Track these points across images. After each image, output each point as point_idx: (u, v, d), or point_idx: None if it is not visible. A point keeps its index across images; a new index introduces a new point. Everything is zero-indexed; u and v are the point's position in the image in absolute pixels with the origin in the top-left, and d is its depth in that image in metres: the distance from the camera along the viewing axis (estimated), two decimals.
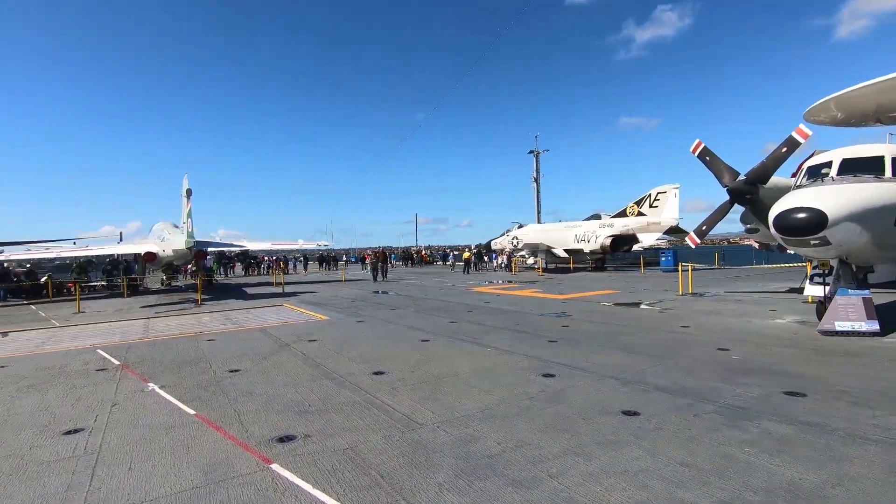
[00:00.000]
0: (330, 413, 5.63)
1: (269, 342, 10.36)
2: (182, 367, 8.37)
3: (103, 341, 11.26)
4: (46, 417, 5.90)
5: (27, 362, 9.20)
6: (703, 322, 10.98)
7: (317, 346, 9.81)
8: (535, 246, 35.73)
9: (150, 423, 5.57)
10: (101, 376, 7.91)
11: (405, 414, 5.50)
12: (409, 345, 9.58)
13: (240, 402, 6.19)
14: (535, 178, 57.58)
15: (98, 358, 9.39)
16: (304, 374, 7.57)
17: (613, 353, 8.21)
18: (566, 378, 6.71)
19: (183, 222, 21.22)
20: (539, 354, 8.26)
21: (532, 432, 4.79)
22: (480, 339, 9.82)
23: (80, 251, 25.50)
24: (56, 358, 9.51)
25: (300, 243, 30.76)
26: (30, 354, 10.01)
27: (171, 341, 10.92)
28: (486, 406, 5.65)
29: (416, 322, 12.51)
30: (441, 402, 5.84)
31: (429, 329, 11.32)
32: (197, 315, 15.77)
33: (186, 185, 20.72)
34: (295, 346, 9.86)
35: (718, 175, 14.69)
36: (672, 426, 4.80)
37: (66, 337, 12.16)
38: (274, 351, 9.41)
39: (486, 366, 7.62)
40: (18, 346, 11.01)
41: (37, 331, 13.49)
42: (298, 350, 9.41)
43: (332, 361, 8.35)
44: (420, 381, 6.88)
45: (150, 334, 12.07)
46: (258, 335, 11.34)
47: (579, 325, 11.08)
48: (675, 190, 30.50)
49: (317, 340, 10.33)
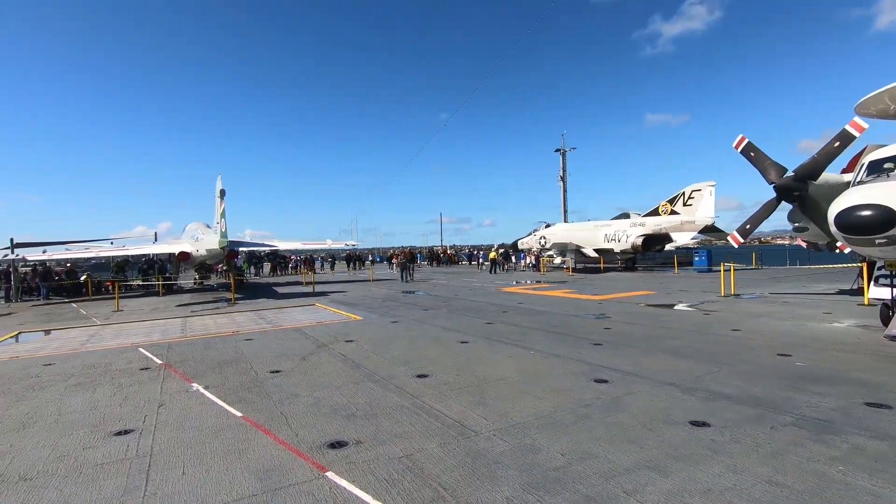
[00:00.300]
0: (378, 418, 5.47)
1: (306, 342, 10.31)
2: (223, 367, 8.35)
3: (144, 340, 11.41)
4: (96, 417, 5.90)
5: (73, 360, 9.35)
6: (755, 325, 10.46)
7: (354, 346, 9.71)
8: (564, 245, 35.16)
9: (199, 424, 5.50)
10: (145, 375, 7.95)
11: (456, 420, 5.29)
12: (448, 346, 9.38)
13: (285, 405, 6.08)
14: (562, 177, 56.83)
15: (140, 356, 9.48)
16: (346, 375, 7.45)
17: (665, 357, 7.84)
18: (620, 384, 6.39)
19: (216, 222, 21.53)
20: (585, 358, 7.95)
21: (596, 443, 4.52)
22: (521, 342, 9.55)
23: (117, 251, 26.20)
24: (100, 356, 9.65)
25: (329, 243, 30.97)
26: (75, 352, 10.19)
27: (210, 340, 10.99)
28: (540, 413, 5.39)
29: (451, 323, 12.31)
30: (492, 408, 5.61)
31: (465, 330, 11.10)
32: (231, 314, 15.92)
33: (220, 185, 21.02)
34: (333, 346, 9.78)
35: (764, 171, 14.05)
36: (749, 439, 4.46)
37: (108, 335, 12.39)
38: (312, 351, 9.34)
39: (532, 370, 7.36)
40: (63, 344, 11.25)
41: (80, 329, 13.81)
42: (337, 351, 9.32)
43: (372, 363, 8.21)
44: (466, 384, 6.66)
45: (188, 333, 12.20)
46: (294, 335, 11.32)
47: (622, 328, 10.70)
48: (711, 188, 29.52)
49: (354, 341, 10.23)
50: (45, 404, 6.53)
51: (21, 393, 7.15)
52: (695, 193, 30.19)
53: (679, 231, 30.57)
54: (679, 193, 31.03)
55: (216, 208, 21.70)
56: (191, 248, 24.36)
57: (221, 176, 21.23)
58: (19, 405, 6.53)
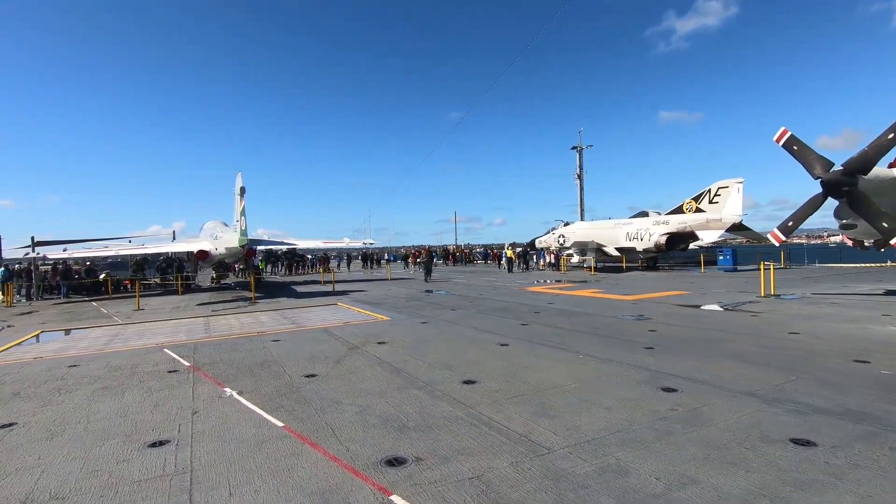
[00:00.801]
0: (434, 430, 4.98)
1: (336, 344, 9.88)
2: (254, 370, 7.94)
3: (168, 340, 11.08)
4: (128, 426, 5.50)
5: (98, 362, 9.02)
6: (811, 328, 9.80)
7: (388, 349, 9.25)
8: (585, 244, 34.45)
9: (238, 435, 5.07)
10: (174, 379, 7.57)
11: (522, 434, 4.78)
12: (487, 349, 8.88)
13: (328, 413, 5.63)
14: (578, 175, 56.09)
15: (167, 358, 9.12)
16: (387, 381, 6.98)
17: (729, 363, 7.25)
18: (692, 393, 5.84)
19: (236, 220, 21.26)
20: (641, 363, 7.39)
21: (691, 464, 3.99)
22: (564, 345, 9.02)
23: (136, 249, 26.11)
24: (125, 357, 9.30)
25: (346, 241, 30.64)
26: (99, 353, 9.87)
27: (236, 341, 10.61)
28: (614, 427, 4.87)
29: (484, 324, 11.80)
30: (558, 421, 5.10)
31: (501, 332, 10.59)
32: (253, 314, 15.58)
33: (240, 183, 20.73)
34: (365, 348, 9.33)
35: (808, 166, 13.33)
36: (870, 462, 3.90)
37: (131, 335, 12.09)
38: (345, 354, 8.90)
39: (587, 376, 6.83)
40: (87, 345, 10.95)
41: (102, 328, 13.54)
42: (371, 353, 8.86)
43: (412, 367, 7.74)
44: (520, 392, 6.16)
45: (212, 333, 11.84)
46: (323, 336, 10.90)
47: (668, 330, 10.10)
48: (739, 185, 28.60)
49: (386, 343, 9.77)
50: (73, 410, 6.16)
51: (47, 397, 6.80)
52: (721, 191, 29.30)
53: (705, 229, 29.69)
54: (705, 191, 30.15)
55: (236, 206, 21.43)
56: (210, 247, 24.16)
57: (241, 174, 20.89)
58: (46, 410, 6.17)
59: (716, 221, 29.29)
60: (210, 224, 29.39)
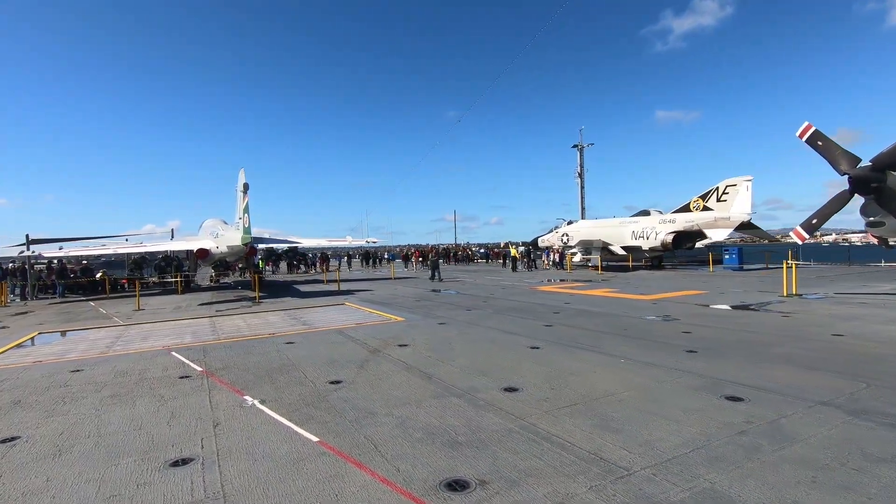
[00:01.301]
0: (489, 446, 4.48)
1: (355, 347, 9.35)
2: (273, 375, 7.41)
3: (175, 342, 10.51)
4: (144, 441, 4.96)
5: (102, 366, 8.45)
6: (854, 329, 9.37)
7: (411, 351, 8.73)
8: (590, 243, 34.01)
9: (270, 452, 4.55)
10: (187, 385, 7.02)
11: (590, 451, 4.29)
12: (518, 352, 8.38)
13: (365, 426, 5.11)
14: (579, 174, 55.75)
15: (176, 362, 8.57)
16: (420, 388, 6.47)
17: (782, 368, 6.80)
18: (760, 403, 5.36)
19: (238, 218, 20.65)
20: (689, 368, 6.92)
21: (799, 489, 3.51)
22: (598, 347, 8.54)
23: (134, 248, 25.40)
24: (131, 361, 8.74)
25: (349, 240, 30.03)
26: (102, 356, 9.30)
27: (248, 343, 10.06)
28: (691, 442, 4.39)
29: (505, 325, 11.31)
30: (626, 436, 4.60)
31: (525, 333, 10.10)
32: (260, 314, 15.02)
33: (243, 179, 20.09)
34: (387, 351, 8.81)
35: (834, 162, 12.94)
36: None
37: (134, 337, 11.51)
38: (367, 357, 8.38)
39: (637, 383, 6.34)
40: (88, 347, 10.36)
41: (104, 329, 12.94)
42: (394, 357, 8.35)
43: (443, 372, 7.23)
44: (570, 401, 5.67)
45: (221, 335, 11.28)
46: (338, 338, 10.37)
47: (702, 332, 9.64)
48: (748, 183, 28.25)
49: (408, 345, 9.26)
50: (81, 421, 5.62)
51: (51, 406, 6.25)
52: (729, 189, 28.94)
53: (713, 228, 29.30)
54: (712, 189, 29.79)
55: (238, 203, 20.82)
56: (210, 245, 23.52)
57: (244, 170, 20.26)
58: (51, 422, 5.62)
59: (724, 220, 28.93)
60: (210, 222, 28.71)
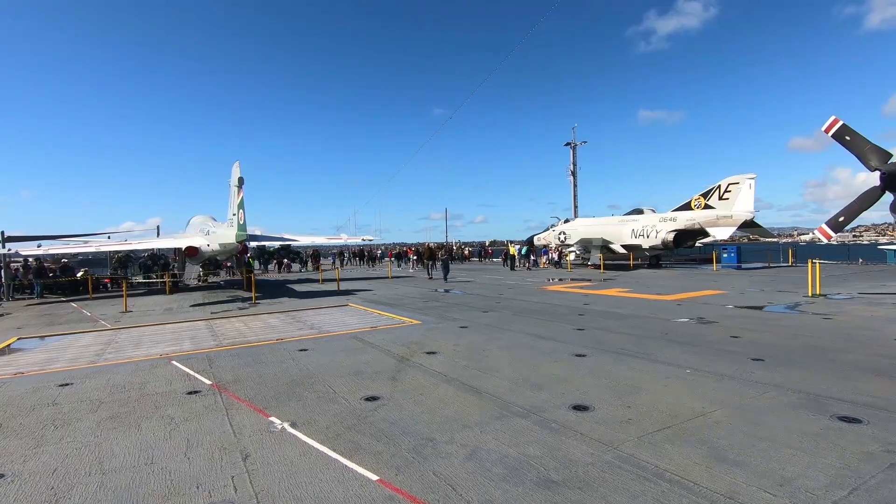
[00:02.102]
0: (594, 486, 3.68)
1: (377, 354, 8.49)
2: (296, 390, 6.52)
3: (173, 349, 9.52)
4: (160, 480, 4.05)
5: (95, 379, 7.45)
6: None
7: (444, 360, 7.90)
8: (589, 241, 33.54)
9: (323, 496, 3.68)
10: (198, 403, 6.09)
11: (725, 494, 3.52)
12: (564, 361, 7.61)
13: (430, 459, 4.27)
14: (572, 171, 55.31)
15: (179, 373, 7.61)
16: (473, 405, 5.65)
17: (874, 379, 6.14)
18: (883, 425, 4.66)
19: (233, 213, 19.51)
20: (769, 380, 6.22)
21: None
22: (650, 354, 7.82)
23: (118, 245, 24.03)
24: (127, 372, 7.75)
25: (344, 237, 29.03)
26: (93, 367, 8.27)
27: (255, 351, 9.12)
28: (842, 481, 3.64)
29: (532, 328, 10.54)
30: (754, 471, 3.85)
31: (560, 338, 9.35)
32: (260, 316, 14.01)
33: (238, 173, 18.94)
34: (415, 360, 7.97)
35: (863, 157, 12.44)
36: None
37: (126, 343, 10.45)
38: (397, 367, 7.52)
39: (721, 398, 5.61)
40: (76, 356, 9.30)
41: (90, 334, 11.83)
42: (427, 366, 7.51)
43: (491, 385, 6.42)
44: (660, 423, 4.90)
45: (223, 341, 10.29)
46: (355, 344, 9.48)
47: (753, 336, 8.99)
48: (751, 181, 27.94)
49: (437, 353, 8.42)
50: (78, 453, 4.67)
51: (38, 432, 5.27)
52: (732, 186, 28.61)
53: (714, 226, 28.95)
54: (714, 187, 29.45)
55: (232, 198, 19.68)
56: (200, 243, 22.38)
57: (239, 163, 19.12)
58: (41, 454, 4.67)
59: (726, 218, 28.60)
60: (198, 219, 27.45)
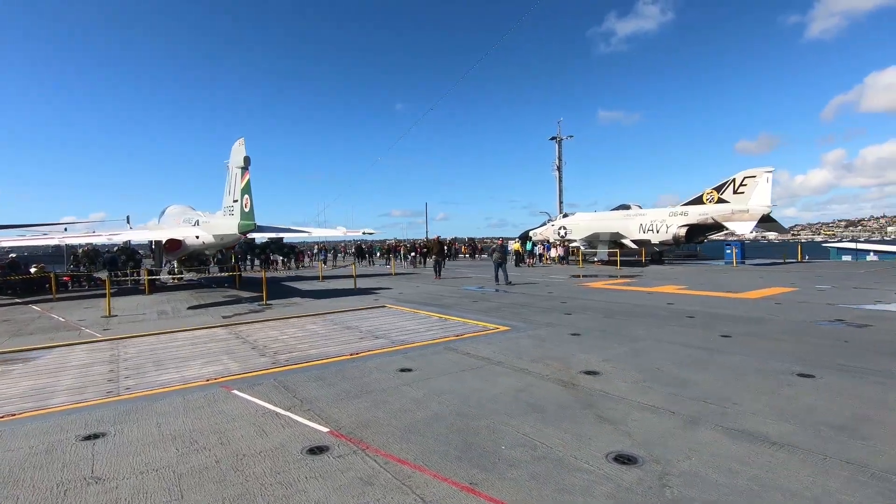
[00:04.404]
0: None
1: (519, 376, 6.36)
2: (472, 444, 4.33)
3: (216, 370, 7.06)
4: None
5: (133, 424, 4.97)
6: None
7: (628, 385, 5.87)
8: (597, 236, 32.22)
9: None
10: (346, 475, 3.82)
11: None
12: (797, 385, 5.74)
13: None
14: (558, 167, 54.37)
15: (261, 412, 5.24)
16: (812, 475, 3.67)
17: None
18: None
19: (234, 200, 16.63)
20: None
21: None
22: (887, 371, 6.08)
23: (85, 237, 20.52)
24: (178, 412, 5.30)
25: (342, 231, 26.26)
26: (116, 401, 5.74)
27: (335, 371, 6.79)
28: None
29: (663, 334, 8.68)
30: None
31: (725, 349, 7.54)
32: (291, 321, 11.51)
33: (243, 151, 16.04)
34: (585, 384, 5.91)
35: None
36: None
37: (141, 361, 7.82)
38: (576, 399, 5.43)
39: None
40: (80, 381, 6.66)
41: (80, 347, 9.05)
42: (618, 395, 5.46)
43: (777, 432, 4.45)
44: None
45: (277, 357, 7.85)
46: (462, 359, 7.30)
47: None
48: (768, 174, 27.28)
49: (601, 373, 6.37)
50: None
51: None
52: (748, 180, 27.90)
53: (731, 220, 28.14)
54: (728, 180, 28.68)
55: (233, 183, 16.79)
56: (186, 235, 19.41)
57: (244, 140, 16.23)
58: None
59: (742, 212, 27.86)
60: (176, 208, 24.16)
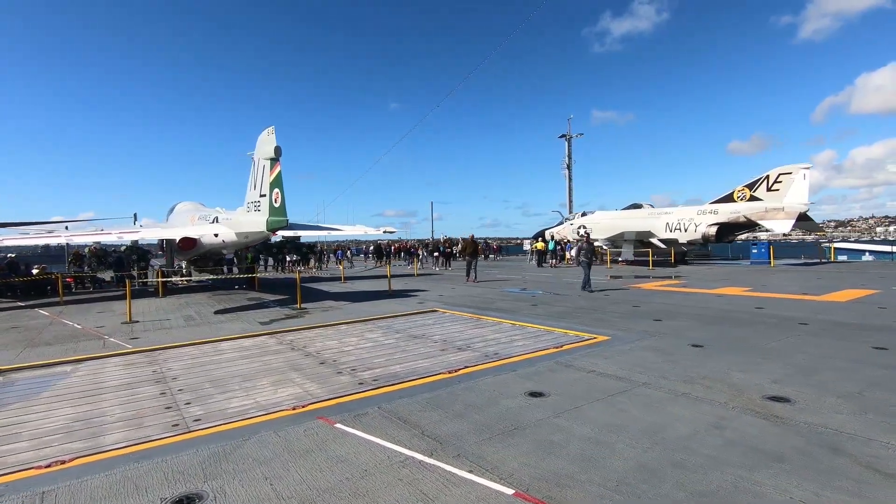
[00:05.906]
0: None
1: (691, 405, 5.12)
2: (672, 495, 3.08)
3: (295, 393, 5.77)
4: None
5: (239, 480, 3.69)
6: None
7: (835, 417, 4.65)
8: (621, 235, 31.06)
9: None
10: None
11: None
12: None
13: None
14: (567, 165, 53.52)
15: (394, 460, 3.98)
16: None
17: None
18: None
19: (260, 195, 15.26)
20: None
21: None
22: None
23: (93, 235, 19.04)
24: (285, 458, 4.01)
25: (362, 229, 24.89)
26: (188, 439, 4.43)
27: (441, 391, 5.50)
28: None
29: (789, 344, 7.49)
30: None
31: (856, 358, 6.33)
32: (339, 327, 10.23)
33: (273, 142, 14.66)
34: (785, 416, 4.68)
35: None
36: None
37: (195, 381, 6.49)
38: (798, 439, 4.19)
39: None
40: (129, 409, 5.33)
41: (111, 360, 7.68)
42: (841, 431, 4.24)
43: None
44: None
45: (360, 375, 6.55)
46: (596, 380, 6.05)
47: None
48: (805, 171, 26.23)
49: (792, 401, 5.14)
50: None
51: None
52: (783, 177, 26.86)
53: (765, 219, 27.02)
54: (762, 177, 27.62)
55: (259, 176, 15.40)
56: (204, 232, 18.00)
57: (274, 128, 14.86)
58: None
59: (776, 210, 26.80)
60: (186, 205, 22.79)
